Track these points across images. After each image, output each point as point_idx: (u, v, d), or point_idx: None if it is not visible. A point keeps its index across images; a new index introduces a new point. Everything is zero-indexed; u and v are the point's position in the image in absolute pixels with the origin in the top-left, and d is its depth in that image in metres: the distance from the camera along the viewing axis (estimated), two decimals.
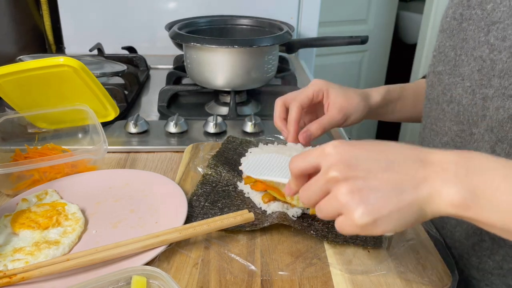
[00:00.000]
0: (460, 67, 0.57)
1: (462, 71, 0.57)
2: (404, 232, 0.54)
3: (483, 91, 0.53)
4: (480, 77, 0.53)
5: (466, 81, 0.56)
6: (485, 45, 0.53)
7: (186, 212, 0.55)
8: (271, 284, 0.46)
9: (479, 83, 0.54)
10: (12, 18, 1.15)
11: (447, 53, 0.60)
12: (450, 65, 0.59)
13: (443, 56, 0.61)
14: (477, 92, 0.54)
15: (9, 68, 0.68)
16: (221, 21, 1.08)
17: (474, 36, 0.55)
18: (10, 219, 0.55)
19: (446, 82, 0.60)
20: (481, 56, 0.53)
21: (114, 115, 0.82)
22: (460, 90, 0.57)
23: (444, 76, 0.61)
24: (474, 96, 0.55)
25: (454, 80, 0.58)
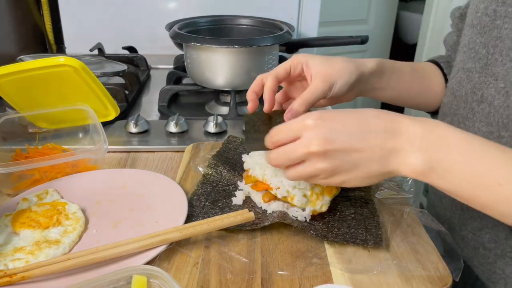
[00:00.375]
0: (493, 67, 0.55)
1: (495, 70, 0.55)
2: (404, 232, 0.54)
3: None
4: None
5: (499, 81, 0.54)
6: None
7: (186, 212, 0.55)
8: (271, 284, 0.46)
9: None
10: (12, 18, 1.15)
11: (477, 50, 0.58)
12: (481, 63, 0.57)
13: (473, 53, 0.59)
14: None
15: (10, 68, 0.68)
16: (221, 21, 1.08)
17: (510, 35, 0.53)
18: (10, 218, 0.55)
19: (477, 80, 0.58)
20: None
21: (114, 115, 0.82)
22: (492, 90, 0.55)
23: (474, 74, 0.59)
24: (507, 98, 0.53)
25: (485, 79, 0.56)
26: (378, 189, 0.61)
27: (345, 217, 0.56)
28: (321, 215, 0.56)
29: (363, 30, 2.18)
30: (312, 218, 0.56)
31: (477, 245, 0.61)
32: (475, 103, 0.58)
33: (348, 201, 0.59)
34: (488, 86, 0.56)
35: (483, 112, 0.57)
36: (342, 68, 0.57)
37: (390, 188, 0.61)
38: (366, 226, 0.54)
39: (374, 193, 0.61)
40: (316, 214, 0.56)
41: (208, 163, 0.66)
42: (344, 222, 0.55)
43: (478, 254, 0.61)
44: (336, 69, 0.57)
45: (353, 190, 0.61)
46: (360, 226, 0.54)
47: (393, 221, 0.56)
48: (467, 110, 0.60)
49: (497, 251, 0.58)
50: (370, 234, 0.53)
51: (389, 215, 0.58)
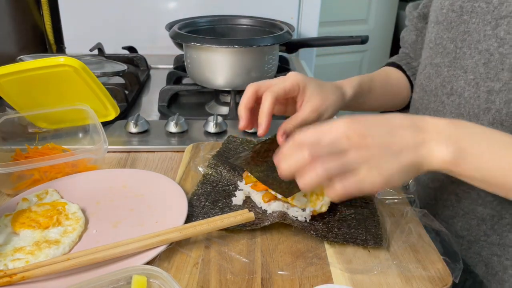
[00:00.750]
0: (461, 60, 0.58)
1: (464, 64, 0.57)
2: (404, 232, 0.54)
3: (488, 84, 0.54)
4: (487, 70, 0.54)
5: (469, 74, 0.57)
6: (493, 38, 0.54)
7: (186, 212, 0.55)
8: (272, 284, 0.46)
9: (485, 76, 0.55)
10: (12, 18, 1.15)
11: (445, 45, 0.61)
12: (449, 58, 0.60)
13: (441, 48, 0.62)
14: (482, 85, 0.55)
15: (10, 68, 0.68)
16: (221, 21, 1.08)
17: (478, 29, 0.55)
18: (10, 218, 0.55)
19: (446, 74, 0.61)
20: (488, 50, 0.54)
21: (114, 115, 0.82)
22: (462, 82, 0.58)
23: (443, 69, 0.61)
24: (477, 89, 0.56)
25: (454, 72, 0.59)
26: None
27: (345, 217, 0.56)
28: (321, 215, 0.56)
29: (363, 30, 2.18)
30: (312, 218, 0.56)
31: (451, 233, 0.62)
32: (445, 96, 0.61)
33: (348, 201, 0.59)
34: (457, 79, 0.59)
35: (453, 104, 0.60)
36: (333, 102, 0.61)
37: (390, 188, 0.61)
38: (366, 226, 0.54)
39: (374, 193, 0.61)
40: (316, 214, 0.56)
41: (208, 163, 0.66)
42: (344, 222, 0.55)
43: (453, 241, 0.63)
44: (327, 103, 0.60)
45: None
46: (360, 226, 0.54)
47: (393, 221, 0.56)
48: (437, 103, 0.63)
49: (470, 238, 0.61)
50: (370, 234, 0.53)
51: (389, 215, 0.58)
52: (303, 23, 1.40)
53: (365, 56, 2.31)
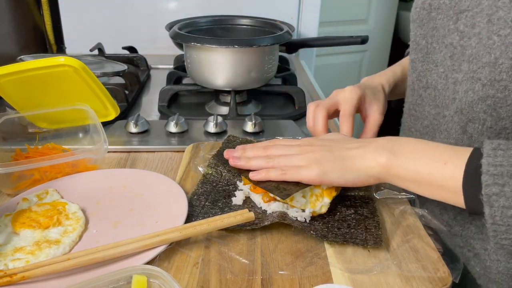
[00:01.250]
0: (432, 54, 0.61)
1: (435, 58, 0.61)
2: (404, 232, 0.54)
3: (454, 76, 0.57)
4: (452, 62, 0.58)
5: (439, 67, 0.60)
6: (455, 32, 0.57)
7: (186, 212, 0.55)
8: (271, 284, 0.46)
9: (451, 68, 0.58)
10: (12, 18, 1.15)
11: (418, 41, 0.64)
12: (422, 53, 0.64)
13: (415, 45, 0.65)
14: (450, 76, 0.58)
15: (10, 68, 0.68)
16: (221, 21, 1.08)
17: (443, 24, 0.59)
18: (10, 218, 0.55)
19: (420, 69, 0.64)
20: (452, 43, 0.57)
21: (114, 115, 0.82)
22: (435, 76, 0.61)
23: (417, 64, 0.65)
24: (447, 80, 0.59)
25: (428, 66, 0.63)
26: (379, 189, 0.61)
27: (345, 217, 0.56)
28: (321, 215, 0.56)
29: (363, 30, 2.18)
30: (312, 218, 0.56)
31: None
32: (422, 89, 0.65)
33: (348, 201, 0.59)
34: (430, 72, 0.62)
35: (430, 96, 0.63)
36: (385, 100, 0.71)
37: (390, 188, 0.61)
38: (366, 226, 0.54)
39: (374, 193, 0.61)
40: (316, 215, 0.56)
41: (208, 163, 0.66)
42: (344, 222, 0.55)
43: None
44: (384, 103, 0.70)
45: (353, 190, 0.61)
46: (360, 226, 0.54)
47: (393, 221, 0.56)
48: (415, 97, 0.67)
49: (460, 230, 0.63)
50: (370, 234, 0.53)
51: (389, 215, 0.58)
52: (303, 23, 1.40)
53: (365, 56, 2.31)
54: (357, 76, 2.34)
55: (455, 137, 0.58)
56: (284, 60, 1.21)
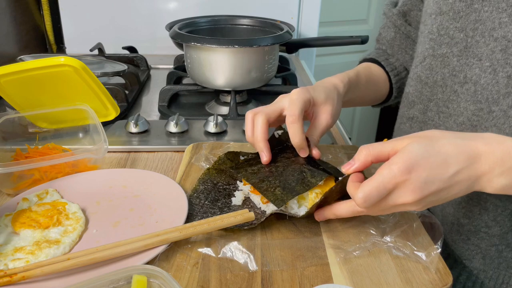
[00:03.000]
0: (474, 48, 0.59)
1: (477, 52, 0.59)
2: (405, 232, 0.54)
3: (508, 70, 0.56)
4: (505, 56, 0.56)
5: (484, 61, 0.58)
6: (510, 25, 0.55)
7: (186, 212, 0.55)
8: (271, 283, 0.46)
9: (504, 62, 0.56)
10: (13, 18, 1.15)
11: (452, 35, 0.61)
12: (459, 47, 0.61)
13: (447, 39, 0.62)
14: (500, 71, 0.56)
15: (10, 68, 0.68)
16: (221, 21, 1.08)
17: (492, 17, 0.57)
18: (10, 218, 0.55)
19: (456, 64, 0.61)
20: (505, 37, 0.55)
21: (114, 115, 0.82)
22: (477, 70, 0.59)
23: (451, 58, 0.62)
24: (495, 75, 0.57)
25: (467, 61, 0.60)
26: None
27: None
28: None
29: (363, 30, 2.18)
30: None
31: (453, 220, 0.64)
32: (458, 85, 0.62)
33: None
34: (471, 67, 0.60)
35: (468, 92, 0.61)
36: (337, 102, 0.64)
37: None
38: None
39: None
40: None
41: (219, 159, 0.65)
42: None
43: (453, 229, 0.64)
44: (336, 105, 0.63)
45: None
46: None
47: (393, 221, 0.56)
48: (448, 93, 0.64)
49: (470, 227, 0.62)
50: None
51: (389, 215, 0.58)
52: (303, 23, 1.40)
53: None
54: None
55: (508, 132, 0.55)
56: (284, 60, 1.21)
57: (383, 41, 0.84)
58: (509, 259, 0.61)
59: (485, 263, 0.63)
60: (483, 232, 0.61)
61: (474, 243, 0.63)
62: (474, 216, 0.61)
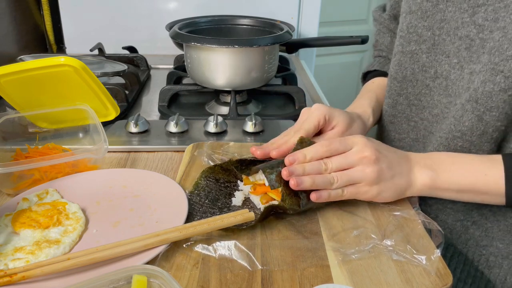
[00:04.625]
0: (442, 46, 0.63)
1: (445, 49, 0.62)
2: (404, 232, 0.54)
3: (471, 67, 0.59)
4: (469, 54, 0.59)
5: (452, 58, 0.62)
6: (472, 25, 0.58)
7: (186, 212, 0.55)
8: (271, 283, 0.46)
9: (468, 60, 0.60)
10: (13, 18, 1.15)
11: (420, 33, 0.65)
12: (427, 44, 0.65)
13: (416, 36, 0.66)
14: (466, 67, 0.60)
15: (10, 68, 0.68)
16: (221, 21, 1.08)
17: (455, 17, 0.60)
18: (10, 218, 0.55)
19: (426, 60, 0.66)
20: (468, 35, 0.59)
21: (114, 115, 0.82)
22: (446, 66, 0.63)
23: (420, 55, 0.66)
24: (462, 71, 0.61)
25: (436, 57, 0.64)
26: None
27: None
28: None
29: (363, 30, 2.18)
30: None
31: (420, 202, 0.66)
32: (429, 79, 0.66)
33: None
34: (440, 63, 0.64)
35: (440, 86, 0.65)
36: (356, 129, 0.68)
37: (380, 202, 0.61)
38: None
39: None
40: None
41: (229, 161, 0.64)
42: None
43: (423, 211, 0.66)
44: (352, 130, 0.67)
45: None
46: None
47: (393, 221, 0.56)
48: (419, 87, 0.68)
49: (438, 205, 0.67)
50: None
51: (389, 215, 0.58)
52: (303, 23, 1.40)
53: (365, 56, 2.31)
54: (357, 76, 2.34)
55: (468, 125, 0.59)
56: (284, 60, 1.21)
57: (381, 47, 0.85)
58: (477, 237, 0.65)
59: (452, 238, 0.67)
60: (449, 208, 0.66)
61: (442, 219, 0.67)
62: None
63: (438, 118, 0.66)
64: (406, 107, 0.71)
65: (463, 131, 0.60)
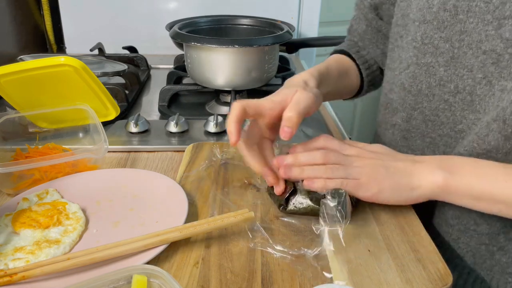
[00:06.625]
0: (462, 59, 0.58)
1: (467, 63, 0.57)
2: (405, 232, 0.54)
3: (502, 83, 0.55)
4: (498, 70, 0.55)
5: (477, 73, 0.57)
6: (498, 39, 0.54)
7: (186, 212, 0.55)
8: (271, 284, 0.46)
9: (498, 75, 0.55)
10: (13, 17, 1.15)
11: (437, 44, 0.60)
12: (445, 57, 0.60)
13: (432, 48, 0.61)
14: (496, 83, 0.55)
15: (10, 67, 0.68)
16: (221, 21, 1.08)
17: (478, 29, 0.55)
18: (11, 218, 0.55)
19: (443, 74, 0.61)
20: (494, 50, 0.54)
21: (114, 115, 0.82)
22: (469, 81, 0.58)
23: (438, 68, 0.61)
24: (491, 87, 0.56)
25: (456, 71, 0.59)
26: None
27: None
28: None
29: None
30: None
31: (440, 222, 0.64)
32: (448, 94, 0.61)
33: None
34: (461, 77, 0.59)
35: (463, 101, 0.60)
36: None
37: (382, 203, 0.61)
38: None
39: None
40: None
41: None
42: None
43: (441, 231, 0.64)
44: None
45: None
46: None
47: (393, 221, 0.56)
48: (436, 102, 0.63)
49: (460, 227, 0.62)
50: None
51: (390, 215, 0.58)
52: (303, 23, 1.40)
53: None
54: None
55: (494, 144, 0.55)
56: (284, 60, 1.21)
57: (354, 33, 0.82)
58: (503, 263, 0.61)
59: (475, 263, 0.62)
60: (472, 230, 0.61)
61: (464, 242, 0.62)
62: (463, 215, 0.61)
63: (463, 134, 0.61)
64: (421, 123, 0.65)
65: (488, 149, 0.56)
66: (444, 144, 0.63)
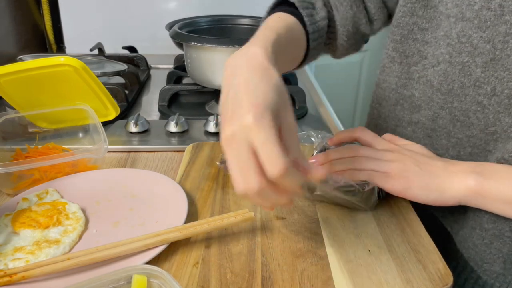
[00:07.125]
0: (504, 62, 0.55)
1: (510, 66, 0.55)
2: (405, 232, 0.54)
3: None
4: None
5: None
6: None
7: (186, 212, 0.55)
8: (271, 284, 0.46)
9: None
10: (12, 17, 1.15)
11: (476, 44, 0.57)
12: (484, 58, 0.57)
13: (469, 47, 0.58)
14: None
15: (10, 67, 0.68)
16: (221, 21, 1.08)
17: None
18: (10, 218, 0.55)
19: (480, 75, 0.58)
20: None
21: (114, 115, 0.82)
22: (510, 84, 0.55)
23: (474, 69, 0.58)
24: None
25: (495, 74, 0.56)
26: None
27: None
28: None
29: None
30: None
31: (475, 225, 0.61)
32: (482, 96, 0.58)
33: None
34: (501, 80, 0.56)
35: (500, 104, 0.57)
36: None
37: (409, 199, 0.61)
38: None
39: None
40: None
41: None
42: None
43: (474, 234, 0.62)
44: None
45: None
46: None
47: (393, 221, 0.56)
48: (468, 103, 0.60)
49: (495, 231, 0.60)
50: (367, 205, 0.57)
51: (390, 215, 0.58)
52: None
53: (365, 56, 2.31)
54: (357, 76, 2.34)
55: None
56: None
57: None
58: None
59: (505, 268, 0.60)
60: (507, 236, 0.59)
61: (497, 247, 0.60)
62: (499, 220, 0.58)
63: (495, 137, 0.58)
64: (448, 122, 0.63)
65: None
66: (472, 145, 0.61)
